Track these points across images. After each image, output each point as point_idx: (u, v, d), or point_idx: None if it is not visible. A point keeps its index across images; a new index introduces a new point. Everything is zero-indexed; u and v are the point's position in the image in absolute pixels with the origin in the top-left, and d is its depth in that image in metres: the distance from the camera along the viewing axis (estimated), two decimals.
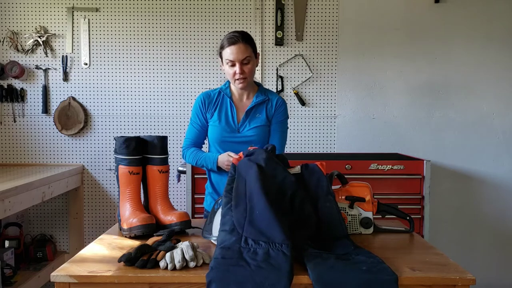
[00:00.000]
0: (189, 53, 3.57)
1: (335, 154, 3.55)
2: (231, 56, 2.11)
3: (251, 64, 2.14)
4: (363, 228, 1.81)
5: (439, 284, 1.37)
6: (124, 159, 1.85)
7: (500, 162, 3.58)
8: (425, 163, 2.99)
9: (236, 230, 1.49)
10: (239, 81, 2.15)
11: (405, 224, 1.93)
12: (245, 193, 1.56)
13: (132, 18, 3.55)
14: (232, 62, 2.11)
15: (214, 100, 2.27)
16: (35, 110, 3.59)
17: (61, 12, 3.56)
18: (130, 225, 1.76)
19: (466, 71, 3.56)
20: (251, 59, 2.13)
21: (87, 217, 3.65)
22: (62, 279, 1.38)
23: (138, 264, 1.41)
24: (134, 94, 3.59)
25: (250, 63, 2.13)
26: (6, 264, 3.02)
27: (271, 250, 1.41)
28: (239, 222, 1.50)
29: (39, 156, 3.62)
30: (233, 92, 2.27)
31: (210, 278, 1.32)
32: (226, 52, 2.12)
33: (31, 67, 3.56)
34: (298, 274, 1.34)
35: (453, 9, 3.53)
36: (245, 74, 2.13)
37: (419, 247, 1.70)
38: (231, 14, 3.55)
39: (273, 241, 1.43)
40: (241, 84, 2.16)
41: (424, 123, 3.59)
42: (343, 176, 1.86)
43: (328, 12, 3.55)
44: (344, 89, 3.58)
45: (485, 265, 3.58)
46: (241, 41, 2.10)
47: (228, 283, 1.30)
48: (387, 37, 3.56)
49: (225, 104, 2.25)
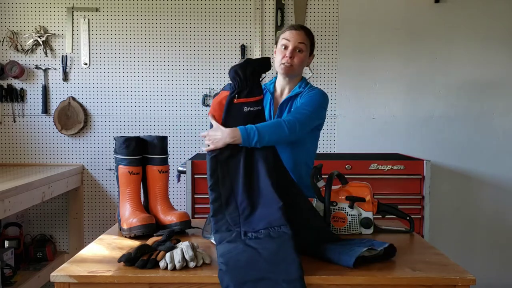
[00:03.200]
0: (189, 53, 3.57)
1: (335, 154, 3.54)
2: (288, 36, 2.02)
3: (303, 54, 2.03)
4: (363, 228, 1.81)
5: (439, 284, 1.37)
6: (124, 159, 1.85)
7: (500, 162, 3.58)
8: (425, 163, 2.99)
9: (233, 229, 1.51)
10: (284, 65, 2.02)
11: (405, 224, 1.94)
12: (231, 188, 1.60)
13: (132, 18, 3.55)
14: (287, 42, 2.01)
15: None
16: (35, 110, 3.59)
17: (61, 12, 3.55)
18: (130, 225, 1.76)
19: (466, 71, 3.56)
20: (305, 49, 2.04)
21: (87, 217, 3.65)
22: (62, 279, 1.38)
23: (138, 264, 1.41)
24: (134, 94, 3.59)
25: (303, 53, 2.03)
26: (6, 264, 3.02)
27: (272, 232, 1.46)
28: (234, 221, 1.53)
29: (39, 156, 3.62)
30: (276, 87, 2.16)
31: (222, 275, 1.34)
32: (285, 34, 2.04)
33: (31, 67, 3.56)
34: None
35: (453, 9, 3.53)
36: (293, 61, 2.02)
37: (419, 247, 1.71)
38: (231, 14, 3.55)
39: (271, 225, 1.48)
40: (285, 69, 2.02)
41: (424, 123, 3.58)
42: (343, 176, 1.86)
43: (328, 12, 3.55)
44: (344, 89, 3.58)
45: (485, 265, 3.58)
46: (303, 30, 2.05)
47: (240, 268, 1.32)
48: (387, 37, 3.56)
49: (266, 100, 2.14)
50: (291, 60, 2.01)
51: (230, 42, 3.55)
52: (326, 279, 1.36)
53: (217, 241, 1.50)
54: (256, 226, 1.50)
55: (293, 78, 2.10)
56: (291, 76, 2.08)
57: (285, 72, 2.04)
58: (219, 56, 3.56)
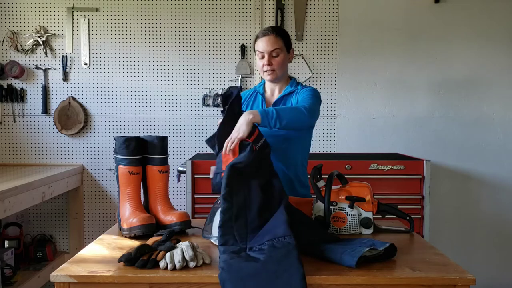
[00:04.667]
0: (189, 53, 3.57)
1: (335, 154, 3.54)
2: (260, 47, 2.09)
3: (280, 57, 2.09)
4: (363, 228, 1.81)
5: (439, 284, 1.37)
6: (124, 159, 1.85)
7: (500, 162, 3.58)
8: (425, 163, 2.99)
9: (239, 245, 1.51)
10: (267, 73, 2.10)
11: (405, 224, 1.94)
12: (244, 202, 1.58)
13: (132, 18, 3.55)
14: (261, 53, 2.09)
15: (246, 100, 2.22)
16: (35, 110, 3.59)
17: (61, 12, 3.55)
18: (130, 225, 1.76)
19: (466, 71, 3.56)
20: (280, 52, 2.09)
21: (87, 217, 3.65)
22: (62, 279, 1.38)
23: (138, 264, 1.41)
24: (134, 94, 3.59)
25: (280, 56, 2.09)
26: (6, 264, 3.02)
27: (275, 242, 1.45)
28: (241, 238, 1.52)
29: (39, 156, 3.62)
30: (266, 89, 2.22)
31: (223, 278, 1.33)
32: (258, 44, 2.11)
33: (31, 67, 3.56)
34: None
35: (453, 9, 3.53)
36: (273, 66, 2.08)
37: (419, 247, 1.71)
38: (231, 14, 3.55)
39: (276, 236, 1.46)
40: (269, 76, 2.11)
41: (424, 123, 3.58)
42: (343, 176, 1.86)
43: (328, 12, 3.55)
44: (344, 89, 3.58)
45: (485, 265, 3.58)
46: (272, 33, 2.08)
47: (242, 277, 1.32)
48: (387, 37, 3.56)
49: (257, 101, 2.20)
50: (271, 66, 2.09)
51: (230, 42, 3.55)
52: (326, 279, 1.36)
53: (221, 251, 1.49)
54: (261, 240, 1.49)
55: (281, 79, 2.17)
56: (278, 79, 2.15)
57: (271, 79, 2.13)
58: (219, 56, 3.56)
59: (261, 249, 1.45)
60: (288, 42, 2.14)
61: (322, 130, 3.59)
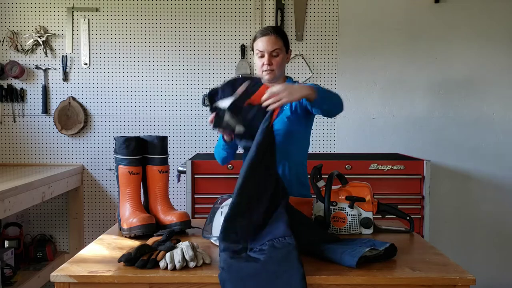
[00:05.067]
0: (189, 53, 3.57)
1: (335, 154, 3.55)
2: (261, 46, 2.10)
3: (280, 57, 2.11)
4: (363, 228, 1.81)
5: (439, 284, 1.37)
6: (124, 159, 1.85)
7: (500, 162, 3.58)
8: (425, 163, 2.99)
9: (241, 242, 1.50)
10: (266, 72, 2.12)
11: (405, 224, 1.94)
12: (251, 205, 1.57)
13: (132, 18, 3.55)
14: (261, 52, 2.10)
15: None
16: (35, 110, 3.59)
17: (61, 12, 3.55)
18: (130, 225, 1.76)
19: (466, 71, 3.56)
20: (280, 52, 2.11)
21: (87, 217, 3.65)
22: (62, 279, 1.38)
23: (138, 264, 1.41)
24: (134, 94, 3.59)
25: (279, 56, 2.11)
26: (6, 264, 3.02)
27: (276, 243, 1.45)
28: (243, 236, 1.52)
29: (39, 156, 3.62)
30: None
31: (223, 277, 1.33)
32: (257, 43, 2.12)
33: (31, 67, 3.56)
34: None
35: (453, 9, 3.53)
36: (273, 66, 2.10)
37: (419, 247, 1.71)
38: (231, 14, 3.55)
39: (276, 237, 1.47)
40: (268, 76, 2.13)
41: (424, 123, 3.58)
42: (343, 176, 1.86)
43: (328, 12, 3.55)
44: (344, 89, 3.58)
45: (485, 265, 3.58)
46: (272, 33, 2.10)
47: (242, 277, 1.32)
48: (387, 37, 3.56)
49: None
50: (270, 66, 2.11)
51: (230, 42, 3.55)
52: (326, 279, 1.36)
53: (221, 248, 1.49)
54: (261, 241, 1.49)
55: (279, 78, 2.18)
56: (275, 78, 2.16)
57: (269, 78, 2.14)
58: (219, 56, 3.56)
59: (261, 249, 1.45)
60: (287, 42, 2.17)
61: (322, 130, 3.59)
